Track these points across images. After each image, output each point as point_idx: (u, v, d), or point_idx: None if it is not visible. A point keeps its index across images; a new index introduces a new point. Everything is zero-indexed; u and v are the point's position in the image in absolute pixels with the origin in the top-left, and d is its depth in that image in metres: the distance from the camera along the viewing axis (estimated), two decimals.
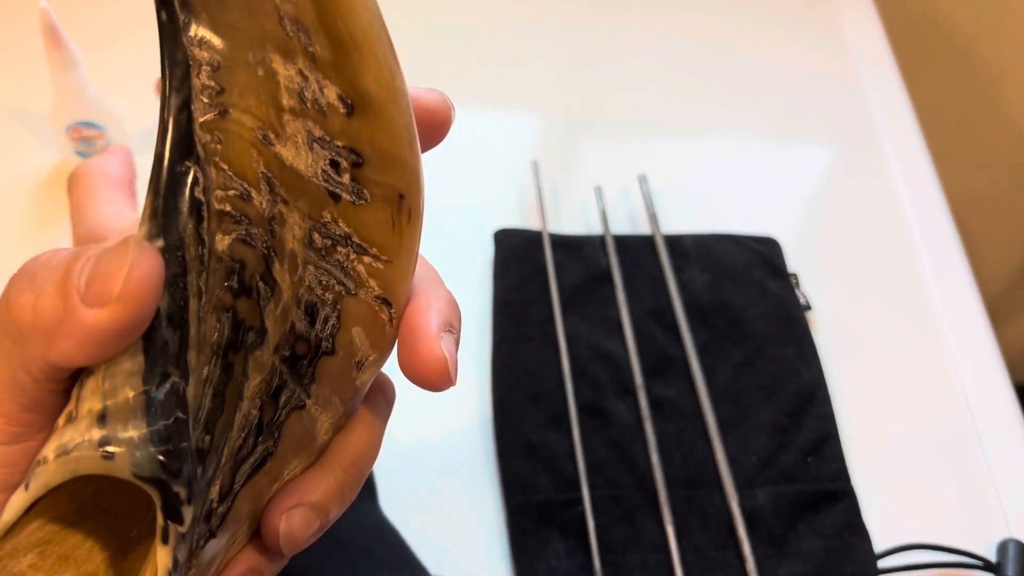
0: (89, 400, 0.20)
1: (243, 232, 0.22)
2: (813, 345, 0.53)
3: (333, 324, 0.24)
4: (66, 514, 0.21)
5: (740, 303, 0.54)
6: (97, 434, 0.20)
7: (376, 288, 0.24)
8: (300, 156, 0.22)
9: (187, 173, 0.21)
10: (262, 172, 0.22)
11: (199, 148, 0.21)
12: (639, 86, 0.69)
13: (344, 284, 0.24)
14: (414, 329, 0.24)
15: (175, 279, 0.21)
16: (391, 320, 0.24)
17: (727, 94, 0.69)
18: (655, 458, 0.47)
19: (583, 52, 0.72)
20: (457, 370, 0.24)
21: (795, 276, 0.57)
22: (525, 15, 0.74)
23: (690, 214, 0.60)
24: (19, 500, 0.21)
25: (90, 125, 0.52)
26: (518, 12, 0.74)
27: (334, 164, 0.22)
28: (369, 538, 0.41)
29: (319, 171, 0.22)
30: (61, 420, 0.21)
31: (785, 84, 0.71)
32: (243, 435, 0.23)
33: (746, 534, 0.45)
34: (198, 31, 0.21)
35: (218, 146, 0.22)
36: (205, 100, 0.21)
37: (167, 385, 0.20)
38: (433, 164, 0.69)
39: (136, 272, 0.19)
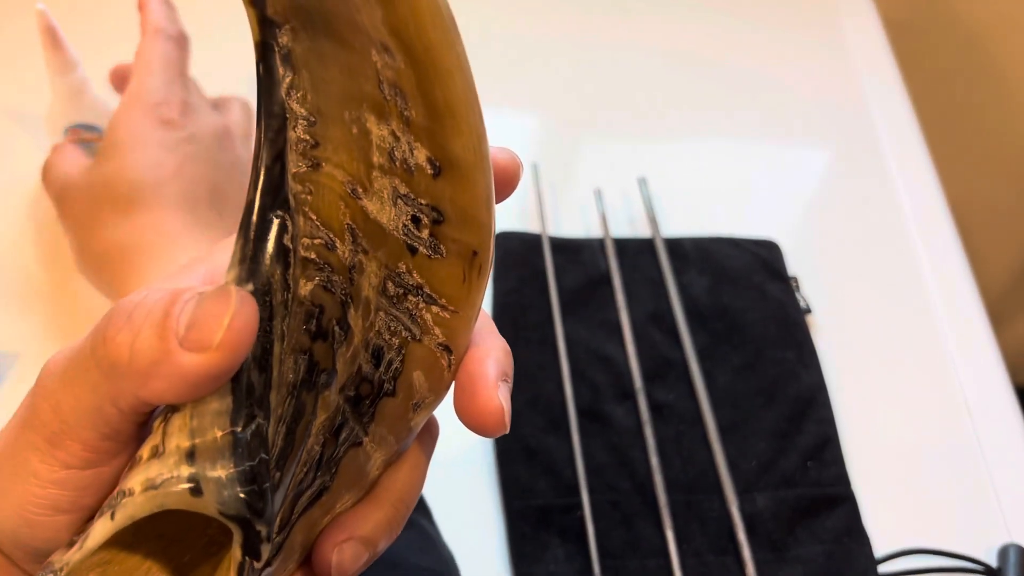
0: (176, 437, 0.21)
1: (325, 279, 0.23)
2: (813, 348, 0.53)
3: (396, 367, 0.25)
4: (125, 536, 0.22)
5: (740, 306, 0.54)
6: (186, 471, 0.21)
7: (440, 336, 0.25)
8: (384, 210, 0.23)
9: (277, 221, 0.22)
10: (347, 224, 0.23)
11: (290, 198, 0.22)
12: (639, 89, 0.69)
13: (411, 330, 0.25)
14: (474, 377, 0.25)
15: (262, 323, 0.21)
16: (450, 366, 0.25)
17: (727, 97, 0.69)
18: (655, 462, 0.47)
19: (583, 55, 0.72)
20: (510, 418, 0.25)
21: (795, 279, 0.57)
22: (525, 18, 0.74)
23: (690, 217, 0.60)
24: (104, 529, 0.21)
25: (89, 128, 0.52)
26: (518, 15, 0.74)
27: (415, 220, 0.23)
28: None
29: (400, 225, 0.23)
30: (145, 452, 0.22)
31: (785, 87, 0.70)
32: (304, 470, 0.24)
33: (746, 539, 0.45)
34: (297, 86, 0.22)
35: (308, 197, 0.23)
36: (300, 152, 0.22)
37: (252, 426, 0.21)
38: None
39: (237, 322, 0.20)
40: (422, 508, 0.44)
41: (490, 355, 0.26)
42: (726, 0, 0.77)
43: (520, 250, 0.56)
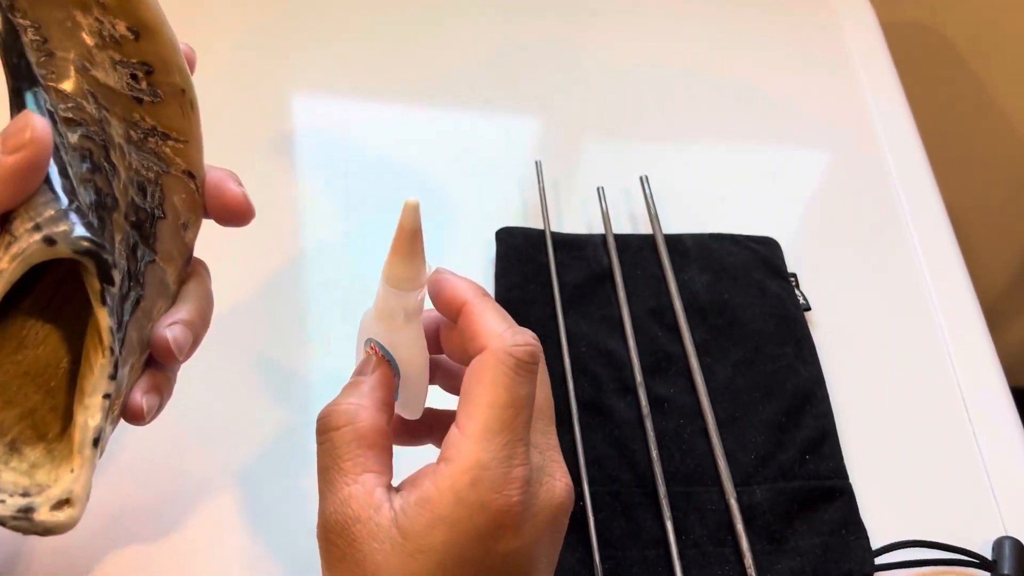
0: (21, 227, 0.28)
1: (85, 131, 0.32)
2: (812, 345, 0.54)
3: (159, 196, 0.34)
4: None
5: (740, 303, 0.55)
6: (38, 235, 0.28)
7: (182, 164, 0.35)
8: (109, 76, 0.33)
9: (36, 94, 0.31)
10: (87, 90, 0.32)
11: (38, 79, 0.31)
12: (642, 88, 0.70)
13: (159, 165, 0.34)
14: (217, 184, 0.36)
15: (56, 151, 0.30)
16: (198, 189, 0.35)
17: (728, 97, 0.70)
18: (655, 455, 0.48)
19: (587, 55, 0.72)
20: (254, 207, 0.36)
21: (794, 276, 0.57)
22: (529, 18, 0.75)
23: (691, 215, 0.60)
24: None
25: (385, 352, 0.36)
26: (522, 15, 0.75)
27: (134, 77, 0.33)
28: None
29: (124, 84, 0.33)
30: (1, 251, 0.29)
31: (786, 88, 0.71)
32: (120, 278, 0.31)
33: (744, 530, 0.46)
34: (17, 7, 0.31)
35: (53, 76, 0.32)
36: (35, 49, 0.31)
37: (74, 205, 0.29)
38: (438, 163, 0.70)
39: (38, 124, 0.28)
40: None
41: (224, 171, 0.36)
42: (727, 3, 0.77)
43: (523, 246, 0.56)
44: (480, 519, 0.29)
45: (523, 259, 0.56)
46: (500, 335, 0.32)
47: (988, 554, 0.46)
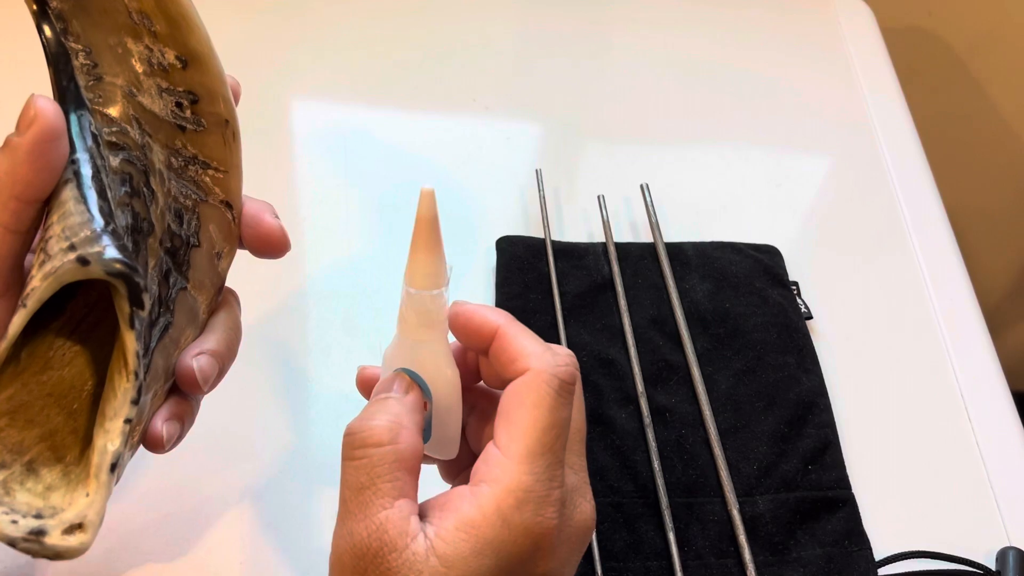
0: (56, 246, 0.28)
1: (127, 155, 0.32)
2: (814, 354, 0.53)
3: (195, 224, 0.34)
4: (22, 396, 0.30)
5: (741, 311, 0.55)
6: (72, 255, 0.28)
7: (220, 194, 0.35)
8: (155, 103, 0.33)
9: (81, 117, 0.31)
10: (132, 115, 0.33)
11: (86, 103, 0.31)
12: (642, 96, 0.70)
13: (198, 193, 0.34)
14: (255, 215, 0.36)
15: (96, 172, 0.30)
16: (234, 220, 0.35)
17: (728, 105, 0.70)
18: (656, 465, 0.48)
19: (587, 62, 0.72)
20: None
21: (796, 285, 0.57)
22: (530, 25, 0.75)
23: (692, 223, 0.60)
24: (19, 318, 0.28)
25: (415, 377, 0.35)
26: (523, 22, 0.75)
27: (179, 105, 0.33)
28: None
29: (169, 112, 0.33)
30: (35, 269, 0.28)
31: (786, 95, 0.71)
32: (151, 302, 0.31)
33: (747, 541, 0.45)
34: (71, 31, 0.31)
35: (100, 100, 0.32)
36: (85, 73, 0.32)
37: (110, 227, 0.29)
38: (438, 171, 0.70)
39: (37, 101, 0.29)
40: None
41: (261, 202, 0.36)
42: (729, 10, 0.77)
43: (524, 255, 0.56)
44: (524, 542, 0.29)
45: (524, 268, 0.56)
46: (541, 356, 0.31)
47: (992, 565, 0.46)
